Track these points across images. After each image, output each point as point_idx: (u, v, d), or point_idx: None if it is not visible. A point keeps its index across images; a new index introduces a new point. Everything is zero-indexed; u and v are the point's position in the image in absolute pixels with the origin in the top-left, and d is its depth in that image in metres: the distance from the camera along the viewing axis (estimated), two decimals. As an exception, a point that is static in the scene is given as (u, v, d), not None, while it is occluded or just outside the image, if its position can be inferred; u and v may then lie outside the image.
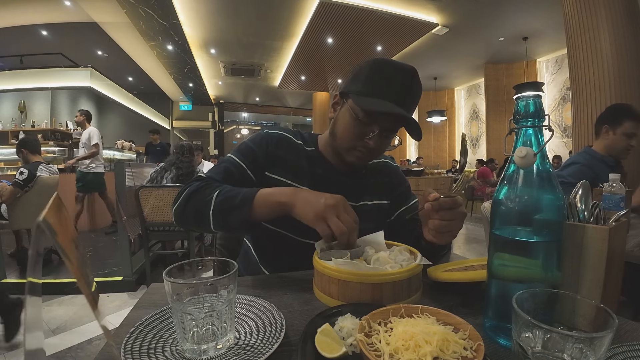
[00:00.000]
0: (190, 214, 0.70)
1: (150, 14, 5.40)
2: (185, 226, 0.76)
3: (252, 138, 0.86)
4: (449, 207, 0.58)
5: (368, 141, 0.75)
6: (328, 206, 0.59)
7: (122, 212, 2.58)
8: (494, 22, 5.70)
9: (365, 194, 0.87)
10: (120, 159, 7.53)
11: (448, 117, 9.55)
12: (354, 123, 0.76)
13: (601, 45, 2.79)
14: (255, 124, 18.81)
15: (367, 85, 0.75)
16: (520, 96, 0.43)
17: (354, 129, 0.76)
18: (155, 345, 0.41)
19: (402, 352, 0.33)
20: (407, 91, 0.74)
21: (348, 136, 0.78)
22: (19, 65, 6.51)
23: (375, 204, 0.89)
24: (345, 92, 0.80)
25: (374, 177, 0.91)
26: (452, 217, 0.59)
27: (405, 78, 0.74)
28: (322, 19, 5.65)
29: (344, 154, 0.80)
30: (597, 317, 0.33)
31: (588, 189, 0.52)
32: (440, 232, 0.60)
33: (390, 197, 0.92)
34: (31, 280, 0.21)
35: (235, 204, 0.65)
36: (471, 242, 4.35)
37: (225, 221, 0.67)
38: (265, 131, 0.87)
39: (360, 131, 0.76)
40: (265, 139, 0.84)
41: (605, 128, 1.72)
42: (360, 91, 0.75)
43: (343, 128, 0.78)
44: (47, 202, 0.24)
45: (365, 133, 0.75)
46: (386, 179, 0.93)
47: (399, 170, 0.99)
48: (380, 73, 0.75)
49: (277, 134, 0.86)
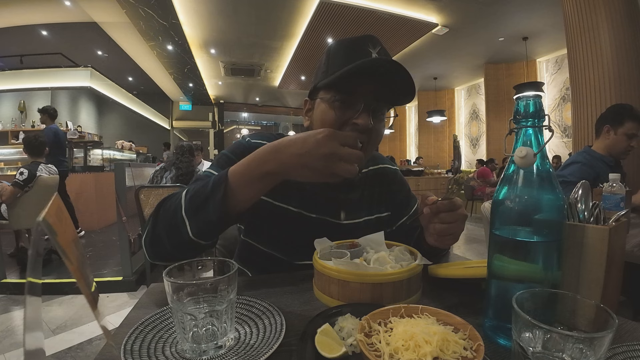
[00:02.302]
0: (162, 230, 0.58)
1: (150, 14, 5.40)
2: (160, 255, 0.60)
3: (232, 148, 0.76)
4: (448, 209, 0.57)
5: (357, 122, 0.64)
6: (327, 157, 0.50)
7: (122, 212, 2.58)
8: (494, 22, 5.70)
9: (363, 209, 0.79)
10: (120, 159, 7.52)
11: (448, 117, 9.54)
12: (332, 109, 0.65)
13: (601, 45, 2.79)
14: (256, 124, 18.80)
15: (329, 69, 0.67)
16: (520, 96, 0.43)
17: (335, 115, 0.65)
18: (155, 345, 0.41)
19: (402, 352, 0.33)
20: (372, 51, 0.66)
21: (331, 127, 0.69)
22: (19, 65, 6.50)
23: (375, 218, 0.82)
24: (312, 90, 0.72)
25: (371, 187, 0.83)
26: (452, 219, 0.57)
27: (366, 41, 0.67)
28: (322, 19, 5.65)
29: None
30: (597, 317, 0.33)
31: (588, 189, 0.52)
32: (442, 236, 0.58)
33: (390, 208, 0.86)
34: (31, 280, 0.21)
35: (207, 193, 0.54)
36: (471, 242, 4.35)
37: (203, 219, 0.54)
38: (247, 140, 0.76)
39: (343, 115, 0.65)
40: (246, 150, 0.71)
41: (607, 128, 1.72)
42: (325, 77, 0.67)
43: (323, 123, 0.66)
44: (47, 202, 0.24)
45: (350, 114, 0.64)
46: (385, 187, 0.86)
47: (398, 174, 0.91)
48: (337, 52, 0.68)
49: (260, 144, 0.72)
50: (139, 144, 9.34)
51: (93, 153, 6.65)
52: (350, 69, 0.60)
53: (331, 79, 0.63)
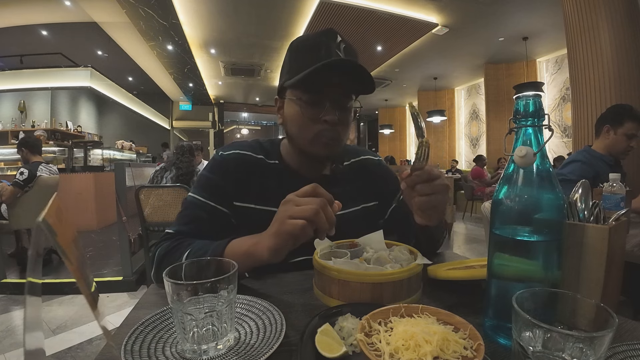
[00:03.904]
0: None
1: (150, 14, 5.39)
2: None
3: (209, 167, 0.77)
4: (425, 180, 0.53)
5: (325, 119, 0.68)
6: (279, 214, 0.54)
7: (122, 212, 2.58)
8: (494, 22, 5.69)
9: (349, 200, 0.78)
10: (120, 159, 7.53)
11: (448, 117, 9.54)
12: (300, 109, 0.69)
13: (601, 45, 2.79)
14: (256, 123, 18.80)
15: (293, 67, 0.70)
16: (520, 95, 0.43)
17: (304, 114, 0.69)
18: (156, 345, 0.41)
19: (403, 352, 0.33)
20: (335, 47, 0.68)
21: (302, 126, 0.70)
22: (19, 65, 6.50)
23: (362, 208, 0.82)
24: (279, 89, 0.74)
25: (354, 180, 0.84)
26: (430, 190, 0.53)
27: (326, 37, 0.69)
28: (322, 19, 5.64)
29: (309, 149, 0.72)
30: (597, 317, 0.33)
31: (588, 189, 0.52)
32: (424, 210, 0.55)
33: (378, 197, 0.85)
34: (31, 280, 0.21)
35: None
36: (471, 242, 4.35)
37: None
38: (219, 154, 0.78)
39: (311, 113, 0.69)
40: (223, 165, 0.75)
41: (607, 128, 1.72)
42: (289, 76, 0.70)
43: (294, 121, 0.71)
44: (47, 202, 0.24)
45: (318, 112, 0.68)
46: (370, 178, 0.86)
47: (382, 164, 0.91)
48: (299, 49, 0.71)
49: (234, 154, 0.77)
50: (139, 144, 9.35)
51: (93, 153, 6.65)
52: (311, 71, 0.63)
53: (296, 80, 0.67)
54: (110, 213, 4.51)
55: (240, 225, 0.74)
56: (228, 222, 0.75)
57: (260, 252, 0.55)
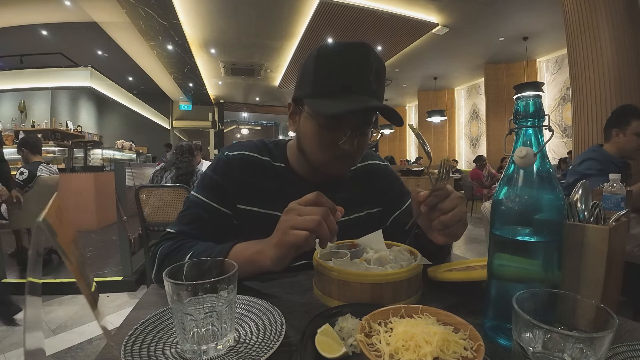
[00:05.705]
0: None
1: (150, 14, 5.39)
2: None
3: (213, 167, 0.76)
4: (444, 196, 0.53)
5: (343, 146, 0.64)
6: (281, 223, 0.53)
7: (122, 212, 2.58)
8: (494, 22, 5.69)
9: (353, 206, 0.77)
10: (120, 159, 7.52)
11: (448, 117, 9.55)
12: (319, 132, 0.65)
13: (601, 45, 2.79)
14: (256, 123, 18.82)
15: (318, 84, 0.64)
16: (520, 96, 0.43)
17: (322, 138, 0.65)
18: (156, 345, 0.41)
19: (403, 353, 0.33)
20: (367, 71, 0.63)
21: (318, 149, 0.67)
22: (19, 65, 6.50)
23: (365, 214, 0.81)
24: (297, 97, 0.69)
25: (360, 185, 0.82)
26: (453, 204, 0.53)
27: (359, 56, 0.62)
28: (322, 19, 5.64)
29: (322, 169, 0.70)
30: (597, 317, 0.33)
31: (588, 189, 0.52)
32: (450, 227, 0.53)
33: (382, 203, 0.84)
34: (31, 280, 0.21)
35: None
36: (471, 242, 4.35)
37: None
38: (225, 154, 0.76)
39: (329, 139, 0.65)
40: (228, 166, 0.74)
41: (615, 131, 1.73)
42: (312, 93, 0.65)
43: (310, 141, 0.68)
44: (47, 202, 0.24)
45: (337, 138, 0.64)
46: (375, 184, 0.84)
47: (389, 170, 0.89)
48: (327, 64, 0.64)
49: (239, 155, 0.75)
50: (139, 144, 9.35)
51: (93, 153, 6.66)
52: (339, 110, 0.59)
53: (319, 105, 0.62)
54: (110, 213, 4.50)
55: (242, 227, 0.74)
56: (230, 223, 0.74)
57: (263, 261, 0.56)
